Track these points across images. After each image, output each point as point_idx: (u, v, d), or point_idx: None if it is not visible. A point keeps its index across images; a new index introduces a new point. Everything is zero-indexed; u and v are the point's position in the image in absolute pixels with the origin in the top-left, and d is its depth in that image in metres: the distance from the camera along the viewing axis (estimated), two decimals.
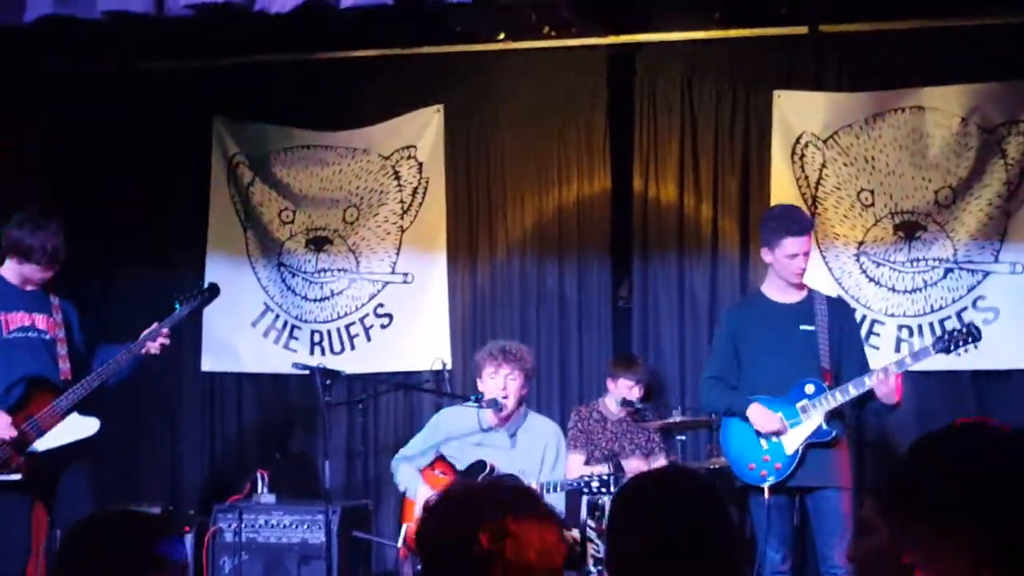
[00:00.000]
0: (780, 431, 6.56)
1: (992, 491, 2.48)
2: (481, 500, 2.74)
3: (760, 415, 6.60)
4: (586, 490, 6.67)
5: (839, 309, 6.80)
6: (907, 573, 2.66)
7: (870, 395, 6.49)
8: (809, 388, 6.53)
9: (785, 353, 6.63)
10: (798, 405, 6.53)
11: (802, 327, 6.63)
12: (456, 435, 7.24)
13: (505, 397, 7.10)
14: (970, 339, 6.44)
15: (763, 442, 6.62)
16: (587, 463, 7.87)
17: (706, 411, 7.22)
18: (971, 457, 2.56)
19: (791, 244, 6.61)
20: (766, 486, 6.52)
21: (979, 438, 2.62)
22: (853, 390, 6.44)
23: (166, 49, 8.69)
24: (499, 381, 7.10)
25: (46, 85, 8.86)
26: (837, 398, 6.47)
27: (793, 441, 6.54)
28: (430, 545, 2.77)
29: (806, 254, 6.66)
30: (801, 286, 6.76)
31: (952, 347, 6.46)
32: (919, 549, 2.58)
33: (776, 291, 6.77)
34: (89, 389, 6.73)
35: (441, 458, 7.24)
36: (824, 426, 6.49)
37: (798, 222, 6.71)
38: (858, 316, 8.04)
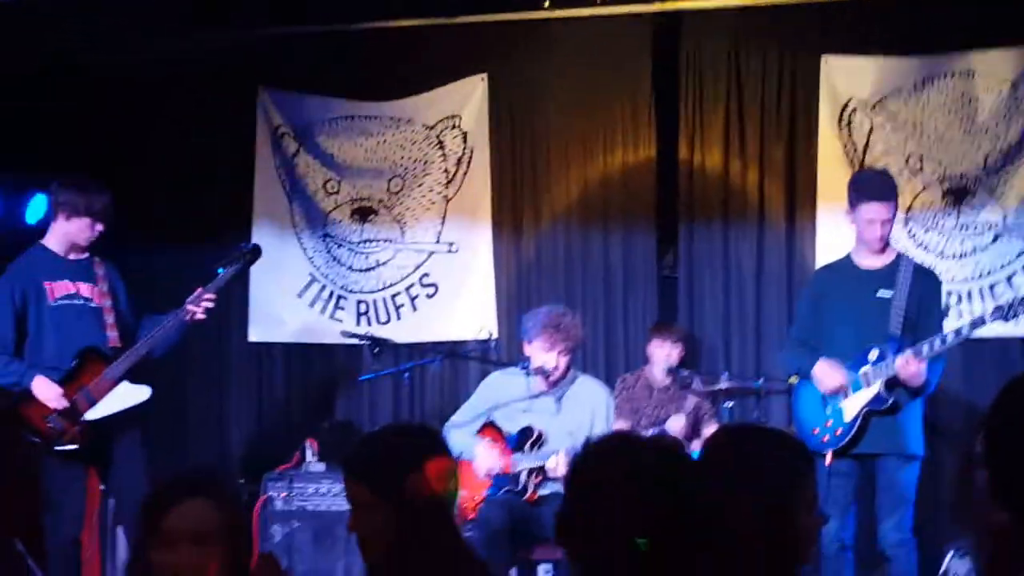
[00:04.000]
0: (842, 388, 6.50)
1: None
2: None
3: (823, 372, 6.54)
4: None
5: (924, 278, 6.63)
6: None
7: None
8: (872, 354, 6.42)
9: (859, 319, 6.54)
10: (860, 371, 6.46)
11: (879, 293, 6.51)
12: (504, 401, 7.21)
13: (555, 368, 7.06)
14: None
15: (827, 407, 6.57)
16: (633, 430, 7.88)
17: (785, 372, 7.15)
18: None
19: (868, 209, 6.49)
20: (828, 452, 6.45)
21: None
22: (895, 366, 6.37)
23: (211, 19, 8.68)
24: (551, 358, 7.03)
25: (92, 52, 8.85)
26: (894, 367, 6.39)
27: (853, 407, 6.45)
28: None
29: (885, 222, 6.49)
30: (888, 251, 6.65)
31: (1010, 315, 6.31)
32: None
33: (861, 255, 6.65)
34: (138, 357, 6.76)
35: (490, 424, 7.23)
36: (883, 393, 6.38)
37: (879, 188, 6.56)
38: None
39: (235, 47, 9.20)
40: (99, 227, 6.82)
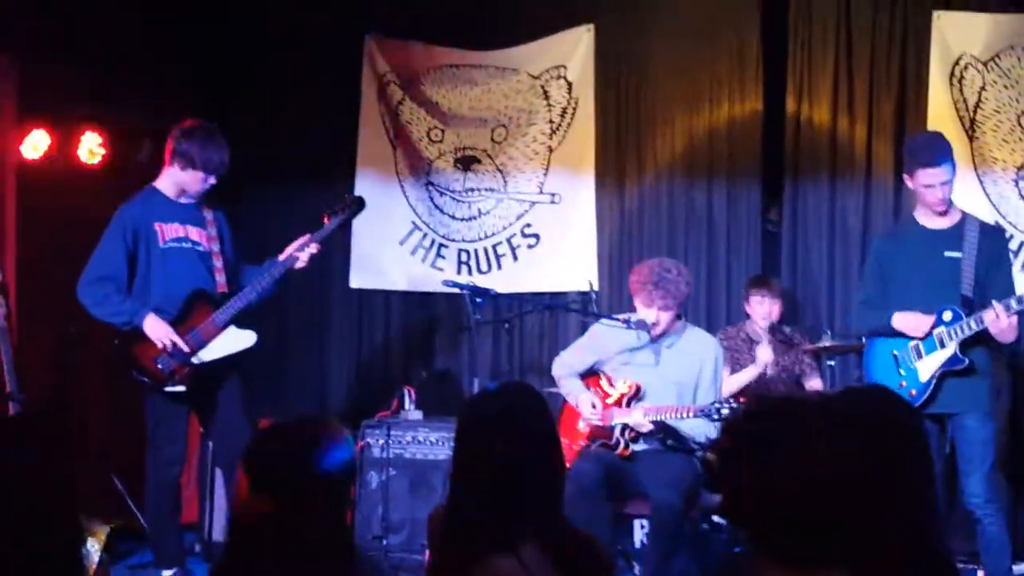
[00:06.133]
0: (930, 331, 6.43)
1: None
2: None
3: (906, 320, 6.49)
4: (715, 416, 6.60)
5: (991, 235, 6.59)
6: None
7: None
8: (947, 315, 6.39)
9: (928, 279, 6.49)
10: (935, 332, 6.41)
11: (947, 253, 6.47)
12: (610, 352, 7.19)
13: (656, 324, 7.00)
14: None
15: (900, 368, 6.53)
16: (732, 373, 7.83)
17: (856, 336, 7.09)
18: None
19: (924, 175, 6.45)
20: None
21: None
22: (974, 325, 6.29)
23: None
24: (651, 314, 6.98)
25: (200, 3, 8.92)
26: (972, 327, 6.31)
27: (928, 368, 6.43)
28: None
29: (944, 183, 6.43)
30: (953, 211, 6.59)
31: None
32: None
33: (926, 216, 6.61)
34: (246, 302, 6.82)
35: (597, 374, 7.21)
36: (959, 354, 6.35)
37: (931, 152, 6.45)
38: (1015, 243, 7.88)
39: None
40: (211, 181, 6.86)
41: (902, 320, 6.52)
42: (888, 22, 8.41)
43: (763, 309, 8.02)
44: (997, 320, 6.19)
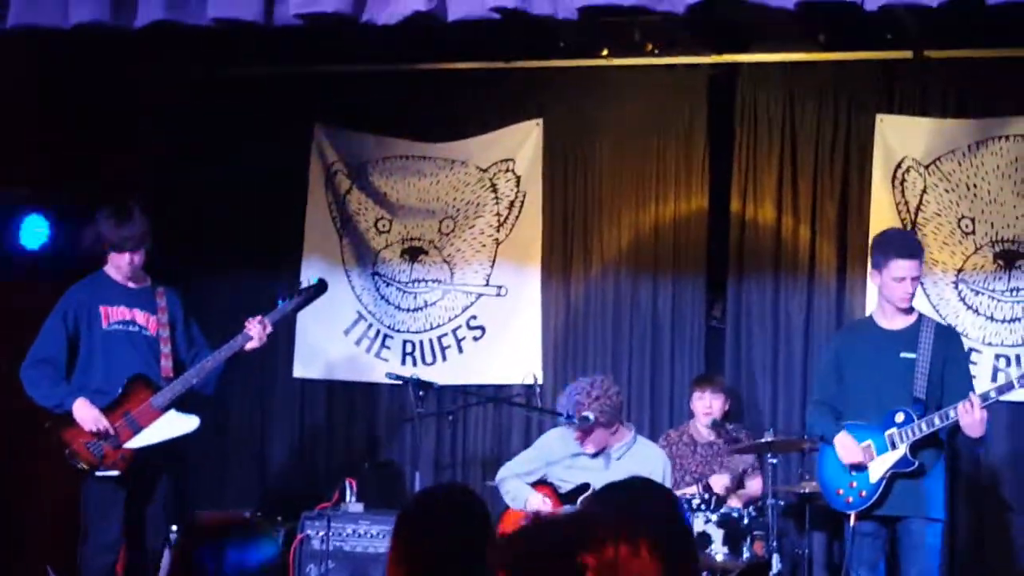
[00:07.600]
0: (861, 464, 6.48)
1: None
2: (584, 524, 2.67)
3: (843, 446, 6.55)
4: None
5: (946, 338, 6.66)
6: None
7: (958, 427, 6.37)
8: (899, 417, 6.45)
9: (882, 380, 6.56)
10: (886, 433, 6.46)
11: (903, 354, 6.53)
12: (557, 457, 7.22)
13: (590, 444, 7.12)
14: None
15: (852, 469, 6.56)
16: (675, 487, 7.82)
17: (809, 436, 7.13)
18: None
19: (898, 266, 6.52)
20: (851, 513, 6.47)
21: None
22: (939, 421, 6.34)
23: (269, 55, 8.73)
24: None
25: (151, 88, 8.92)
26: (923, 428, 6.37)
27: (878, 470, 6.47)
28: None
29: (914, 279, 6.54)
30: (911, 312, 6.66)
31: None
32: None
33: (883, 317, 6.69)
34: (187, 386, 6.78)
35: (542, 482, 7.22)
36: (909, 456, 6.40)
37: (908, 246, 6.62)
38: None
39: (292, 84, 9.28)
40: (136, 259, 6.82)
41: (839, 442, 6.58)
42: (832, 123, 8.54)
43: (703, 404, 8.07)
44: (970, 411, 6.22)
